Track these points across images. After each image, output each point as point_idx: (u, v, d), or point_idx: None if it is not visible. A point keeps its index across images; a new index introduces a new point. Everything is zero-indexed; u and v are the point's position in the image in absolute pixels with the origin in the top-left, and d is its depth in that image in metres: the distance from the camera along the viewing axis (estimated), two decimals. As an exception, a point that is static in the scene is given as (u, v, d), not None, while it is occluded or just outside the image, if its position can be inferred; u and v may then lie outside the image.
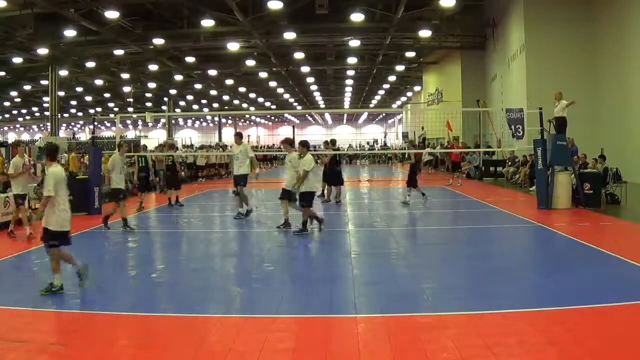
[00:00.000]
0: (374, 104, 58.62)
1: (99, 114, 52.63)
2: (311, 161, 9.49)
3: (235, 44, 27.76)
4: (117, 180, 10.51)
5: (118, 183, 10.51)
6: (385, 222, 11.35)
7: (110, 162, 10.84)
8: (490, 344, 4.28)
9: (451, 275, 6.78)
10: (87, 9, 21.05)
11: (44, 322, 5.10)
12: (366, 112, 74.74)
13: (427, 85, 39.42)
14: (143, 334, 4.88)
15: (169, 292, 6.29)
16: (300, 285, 6.25)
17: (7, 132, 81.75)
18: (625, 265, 6.88)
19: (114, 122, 49.98)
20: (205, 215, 13.76)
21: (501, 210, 12.58)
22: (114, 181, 10.58)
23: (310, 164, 9.40)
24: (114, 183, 10.59)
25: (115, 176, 10.54)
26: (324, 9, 20.34)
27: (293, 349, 4.33)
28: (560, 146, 12.54)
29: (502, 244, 9.24)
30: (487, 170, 22.75)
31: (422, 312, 5.21)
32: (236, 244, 9.27)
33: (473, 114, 27.57)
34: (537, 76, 20.61)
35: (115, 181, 10.53)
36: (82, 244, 9.32)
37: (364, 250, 8.55)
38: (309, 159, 9.50)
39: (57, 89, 31.46)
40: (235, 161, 11.77)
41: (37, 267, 7.51)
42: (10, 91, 42.46)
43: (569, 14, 20.63)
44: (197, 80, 40.53)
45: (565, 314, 5.07)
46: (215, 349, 4.38)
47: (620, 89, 18.46)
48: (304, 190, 9.46)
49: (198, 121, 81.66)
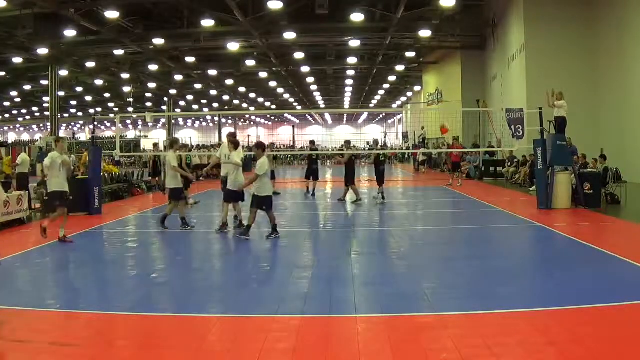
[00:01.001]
0: (374, 104, 58.64)
1: (99, 114, 52.67)
2: (264, 165, 8.91)
3: (235, 44, 27.76)
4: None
5: (58, 186, 8.95)
6: (385, 222, 11.35)
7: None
8: (490, 344, 4.28)
9: (451, 275, 6.78)
10: (87, 9, 21.05)
11: (44, 322, 5.10)
12: (366, 112, 74.78)
13: (427, 85, 39.43)
14: (143, 334, 4.87)
15: (169, 292, 6.29)
16: (301, 285, 6.24)
17: (7, 132, 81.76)
18: (625, 265, 6.88)
19: (114, 122, 50.04)
20: (205, 215, 13.76)
21: (501, 210, 12.58)
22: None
23: (263, 168, 8.87)
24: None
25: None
26: (324, 9, 20.35)
27: (293, 349, 4.32)
28: (560, 146, 12.55)
29: (502, 244, 9.24)
30: (487, 170, 22.76)
31: (422, 312, 5.21)
32: (236, 243, 9.26)
33: (473, 114, 27.59)
34: (537, 76, 20.60)
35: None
36: (82, 244, 9.34)
37: (364, 250, 8.55)
38: (262, 163, 8.95)
39: (57, 89, 31.49)
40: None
41: (37, 266, 7.52)
42: (10, 91, 42.48)
43: (569, 14, 20.65)
44: (197, 80, 40.54)
45: (565, 314, 5.07)
46: (215, 349, 4.38)
47: (620, 89, 18.47)
48: (262, 194, 8.95)
49: (198, 121, 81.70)
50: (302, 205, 15.03)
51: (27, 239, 9.78)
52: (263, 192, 9.00)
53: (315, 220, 11.18)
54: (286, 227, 10.86)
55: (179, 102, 52.41)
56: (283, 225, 11.18)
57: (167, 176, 10.69)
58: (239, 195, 10.02)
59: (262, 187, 9.00)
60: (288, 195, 17.18)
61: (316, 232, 10.32)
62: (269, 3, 20.72)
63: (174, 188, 10.32)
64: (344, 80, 43.39)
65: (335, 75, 41.16)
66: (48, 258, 8.16)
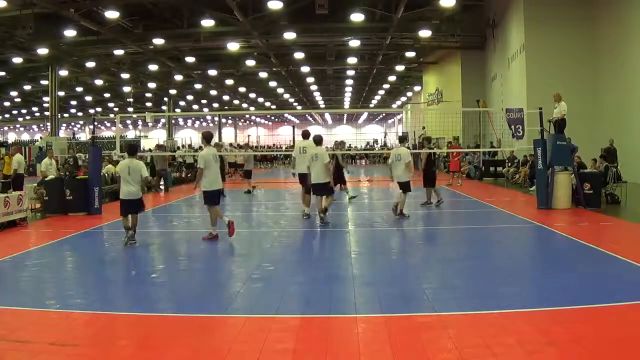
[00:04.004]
0: (374, 104, 58.64)
1: (99, 114, 52.74)
2: (202, 157, 8.87)
3: (235, 44, 27.77)
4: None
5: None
6: (385, 221, 11.35)
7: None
8: (490, 344, 4.28)
9: (451, 275, 6.78)
10: (87, 9, 21.06)
11: (44, 322, 5.10)
12: (366, 112, 74.77)
13: (427, 85, 39.42)
14: (143, 334, 4.87)
15: (169, 292, 6.30)
16: (300, 285, 6.25)
17: (7, 132, 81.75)
18: (625, 265, 6.88)
19: (114, 122, 50.04)
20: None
21: (501, 210, 12.58)
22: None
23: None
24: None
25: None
26: (324, 9, 20.34)
27: (293, 349, 4.32)
28: (560, 146, 12.54)
29: (502, 243, 9.23)
30: (487, 170, 22.75)
31: (422, 312, 5.21)
32: (236, 243, 9.26)
33: (473, 114, 27.59)
34: (537, 76, 20.62)
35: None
36: (82, 244, 9.35)
37: (364, 250, 8.55)
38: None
39: (57, 89, 31.51)
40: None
41: (37, 266, 7.52)
42: (10, 91, 42.48)
43: (569, 14, 20.64)
44: (197, 80, 40.55)
45: (565, 314, 5.06)
46: (215, 349, 4.38)
47: (620, 89, 18.47)
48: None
49: (198, 121, 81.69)
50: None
51: (27, 238, 9.79)
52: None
53: (315, 220, 11.18)
54: (286, 227, 10.87)
55: (179, 102, 52.43)
56: (283, 225, 11.20)
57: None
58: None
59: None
60: (288, 195, 17.18)
61: (316, 232, 10.31)
62: (269, 3, 20.73)
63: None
64: (344, 80, 43.39)
65: (335, 75, 41.16)
66: (48, 258, 8.16)
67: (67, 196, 12.46)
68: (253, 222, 12.03)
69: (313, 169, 10.51)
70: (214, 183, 8.98)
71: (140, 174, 8.75)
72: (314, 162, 10.49)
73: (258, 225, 11.50)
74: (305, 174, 10.97)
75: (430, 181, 13.32)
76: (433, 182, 13.38)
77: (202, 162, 8.86)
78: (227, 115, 68.50)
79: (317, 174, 10.44)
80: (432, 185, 13.34)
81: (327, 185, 10.60)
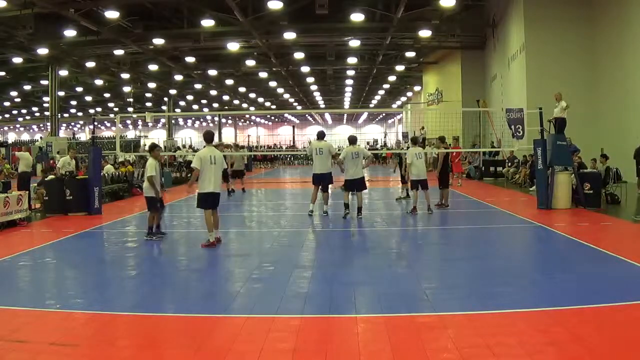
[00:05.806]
0: (374, 104, 58.63)
1: (99, 114, 52.75)
2: (150, 167, 9.02)
3: (235, 44, 27.78)
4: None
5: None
6: (385, 222, 11.35)
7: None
8: (490, 344, 4.28)
9: (451, 275, 6.78)
10: (87, 9, 21.05)
11: (44, 322, 5.10)
12: (366, 112, 74.74)
13: (427, 85, 39.41)
14: (143, 334, 4.87)
15: (169, 292, 6.29)
16: (301, 285, 6.24)
17: (7, 132, 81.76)
18: (625, 265, 6.88)
19: (114, 122, 50.01)
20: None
21: (501, 210, 12.58)
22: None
23: (150, 171, 8.97)
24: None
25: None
26: (324, 9, 20.35)
27: (293, 349, 4.32)
28: (560, 146, 12.55)
29: (502, 244, 9.24)
30: (487, 170, 22.75)
31: (422, 312, 5.21)
32: (236, 243, 9.26)
33: (473, 114, 27.57)
34: (537, 76, 20.60)
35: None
36: (82, 244, 9.35)
37: (364, 250, 8.55)
38: (149, 164, 9.10)
39: (57, 89, 31.52)
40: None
41: (38, 266, 7.52)
42: (10, 91, 42.49)
43: (569, 14, 20.63)
44: (197, 80, 40.54)
45: (565, 314, 5.06)
46: (215, 349, 4.38)
47: (620, 89, 18.45)
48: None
49: (198, 121, 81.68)
50: (303, 206, 15.00)
51: (27, 238, 9.79)
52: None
53: (315, 220, 11.19)
54: (286, 227, 10.88)
55: (179, 102, 52.43)
56: (283, 225, 11.20)
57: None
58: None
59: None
60: (288, 195, 17.17)
61: (316, 232, 10.32)
62: (269, 3, 20.73)
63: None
64: (344, 80, 43.38)
65: (335, 75, 41.15)
66: (48, 258, 8.16)
67: (67, 196, 12.47)
68: (252, 222, 12.03)
69: (355, 166, 11.27)
70: (207, 185, 8.57)
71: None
72: (355, 159, 11.27)
73: (258, 225, 11.50)
74: (320, 174, 11.59)
75: (444, 182, 13.14)
76: (447, 183, 13.29)
77: (197, 162, 8.52)
78: (227, 115, 68.49)
79: (356, 170, 11.31)
80: (446, 187, 13.14)
81: (363, 181, 11.51)
